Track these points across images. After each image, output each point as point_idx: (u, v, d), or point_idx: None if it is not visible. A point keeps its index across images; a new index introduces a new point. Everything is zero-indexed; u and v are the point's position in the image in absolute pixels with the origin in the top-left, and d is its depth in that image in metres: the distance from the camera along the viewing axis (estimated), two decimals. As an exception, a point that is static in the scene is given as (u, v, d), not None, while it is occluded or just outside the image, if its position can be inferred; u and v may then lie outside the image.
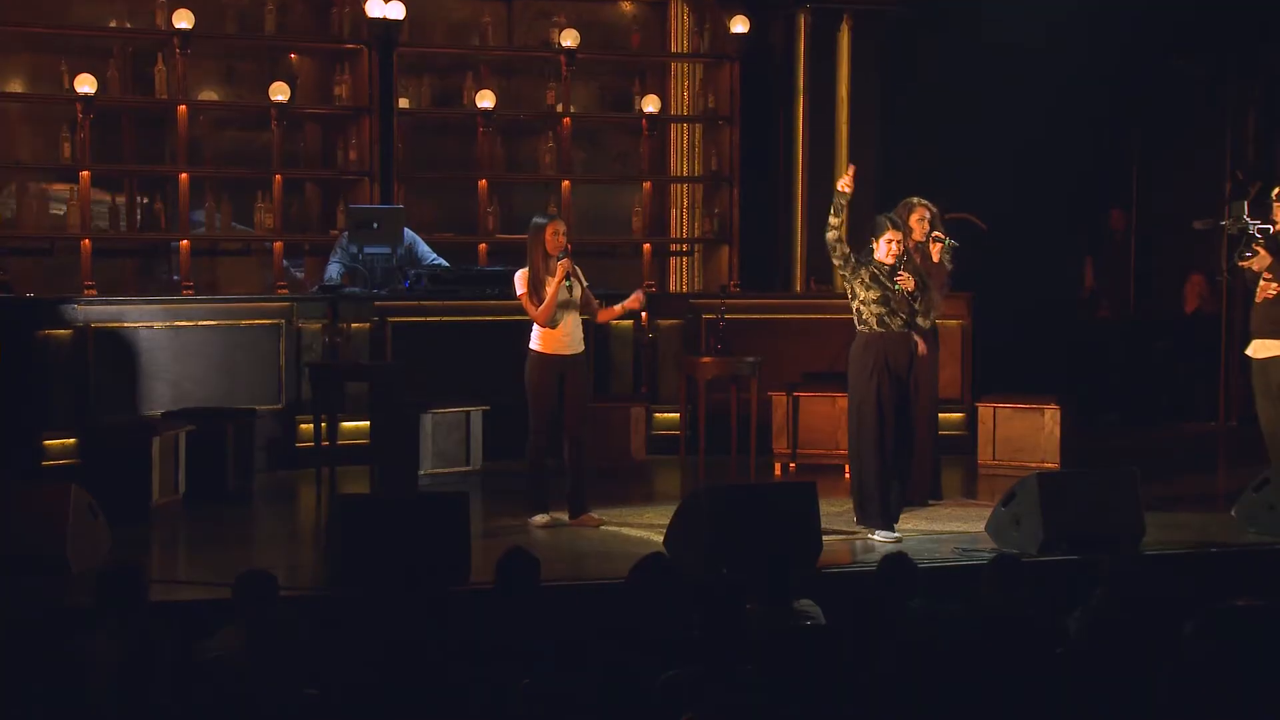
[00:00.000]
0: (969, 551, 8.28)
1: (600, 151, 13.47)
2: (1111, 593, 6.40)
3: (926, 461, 9.79)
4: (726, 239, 13.14)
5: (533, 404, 9.05)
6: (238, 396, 10.71)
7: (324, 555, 7.79)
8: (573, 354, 9.04)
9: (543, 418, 9.03)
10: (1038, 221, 13.66)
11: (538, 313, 8.94)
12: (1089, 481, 8.62)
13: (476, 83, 12.75)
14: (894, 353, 8.87)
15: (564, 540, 8.78)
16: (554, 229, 9.04)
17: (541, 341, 9.01)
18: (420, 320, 11.25)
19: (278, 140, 12.00)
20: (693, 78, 13.38)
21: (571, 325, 9.03)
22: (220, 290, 12.22)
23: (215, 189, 12.31)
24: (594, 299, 9.15)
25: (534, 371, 9.02)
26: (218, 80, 12.50)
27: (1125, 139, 14.55)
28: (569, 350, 9.03)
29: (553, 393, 9.01)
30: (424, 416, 10.41)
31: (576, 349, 9.06)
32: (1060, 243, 14.21)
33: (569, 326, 9.02)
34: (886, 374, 8.83)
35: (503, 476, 10.33)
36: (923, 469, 9.73)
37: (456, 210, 12.87)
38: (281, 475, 10.78)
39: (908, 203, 9.81)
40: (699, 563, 7.64)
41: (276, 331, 11.03)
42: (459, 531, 7.61)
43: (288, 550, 8.83)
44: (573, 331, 9.03)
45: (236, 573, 6.31)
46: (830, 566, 7.98)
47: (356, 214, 11.55)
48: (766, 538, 7.79)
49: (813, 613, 6.46)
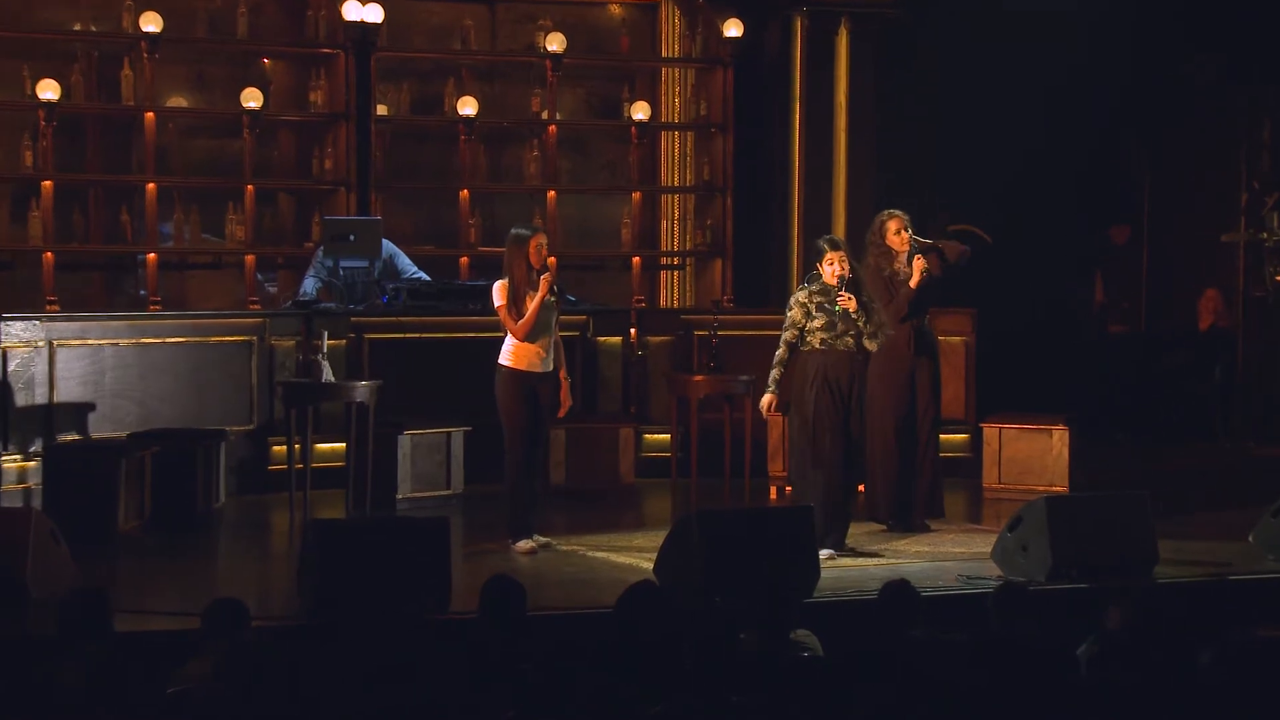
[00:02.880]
0: (973, 579, 8.28)
1: (587, 160, 13.47)
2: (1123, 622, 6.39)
3: (926, 482, 9.81)
4: (719, 252, 13.14)
5: (507, 423, 9.10)
6: (207, 417, 10.69)
7: (298, 583, 7.77)
8: (544, 372, 9.12)
9: (520, 437, 9.07)
10: (1044, 233, 13.70)
11: (516, 327, 9.02)
12: (1099, 505, 8.62)
13: (458, 89, 12.75)
14: (834, 367, 9.03)
15: (550, 567, 8.77)
16: (537, 242, 9.11)
17: (513, 357, 9.09)
18: (399, 337, 11.24)
19: (250, 149, 11.99)
20: (684, 83, 13.39)
21: (547, 343, 9.12)
22: (189, 305, 12.20)
23: (184, 200, 12.29)
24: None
25: (505, 389, 9.09)
26: (187, 86, 12.49)
27: (1134, 147, 14.59)
28: (541, 368, 9.12)
29: (526, 410, 9.05)
30: (402, 437, 10.39)
31: (548, 367, 9.14)
32: (1068, 255, 14.24)
33: (545, 343, 9.11)
34: (826, 388, 9.00)
35: (485, 500, 10.30)
36: (923, 489, 9.77)
37: (437, 222, 12.86)
38: (253, 499, 10.76)
39: (881, 216, 9.86)
40: (691, 591, 7.63)
41: (248, 349, 11.01)
42: (439, 557, 7.59)
43: (259, 578, 8.82)
44: (547, 349, 9.11)
45: (206, 601, 6.30)
46: (828, 595, 7.96)
47: (332, 226, 11.54)
48: (761, 564, 7.78)
49: (810, 643, 6.45)
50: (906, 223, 9.80)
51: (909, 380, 9.80)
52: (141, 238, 12.00)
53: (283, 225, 12.69)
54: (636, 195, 13.12)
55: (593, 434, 11.19)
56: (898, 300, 9.68)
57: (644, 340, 11.95)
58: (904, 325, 9.72)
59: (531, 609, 6.61)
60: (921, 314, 9.86)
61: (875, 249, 9.80)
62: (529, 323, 9.01)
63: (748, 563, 7.78)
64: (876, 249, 9.79)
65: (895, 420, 9.76)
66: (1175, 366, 14.31)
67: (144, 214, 11.92)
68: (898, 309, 9.65)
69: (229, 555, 9.54)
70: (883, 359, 9.63)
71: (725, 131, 13.11)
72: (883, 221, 9.82)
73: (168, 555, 9.21)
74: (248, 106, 11.82)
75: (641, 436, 11.68)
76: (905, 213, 9.87)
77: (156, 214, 11.89)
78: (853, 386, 9.07)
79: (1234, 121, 14.19)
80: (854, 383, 9.08)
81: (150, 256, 11.83)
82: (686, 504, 10.34)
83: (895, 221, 9.78)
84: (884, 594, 6.61)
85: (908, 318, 9.74)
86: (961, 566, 8.67)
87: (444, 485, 10.59)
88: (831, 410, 9.02)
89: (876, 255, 9.78)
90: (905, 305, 9.69)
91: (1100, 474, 11.18)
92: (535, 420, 9.15)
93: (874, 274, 9.73)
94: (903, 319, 9.70)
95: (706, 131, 13.27)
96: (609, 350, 11.82)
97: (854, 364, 9.09)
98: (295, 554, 8.15)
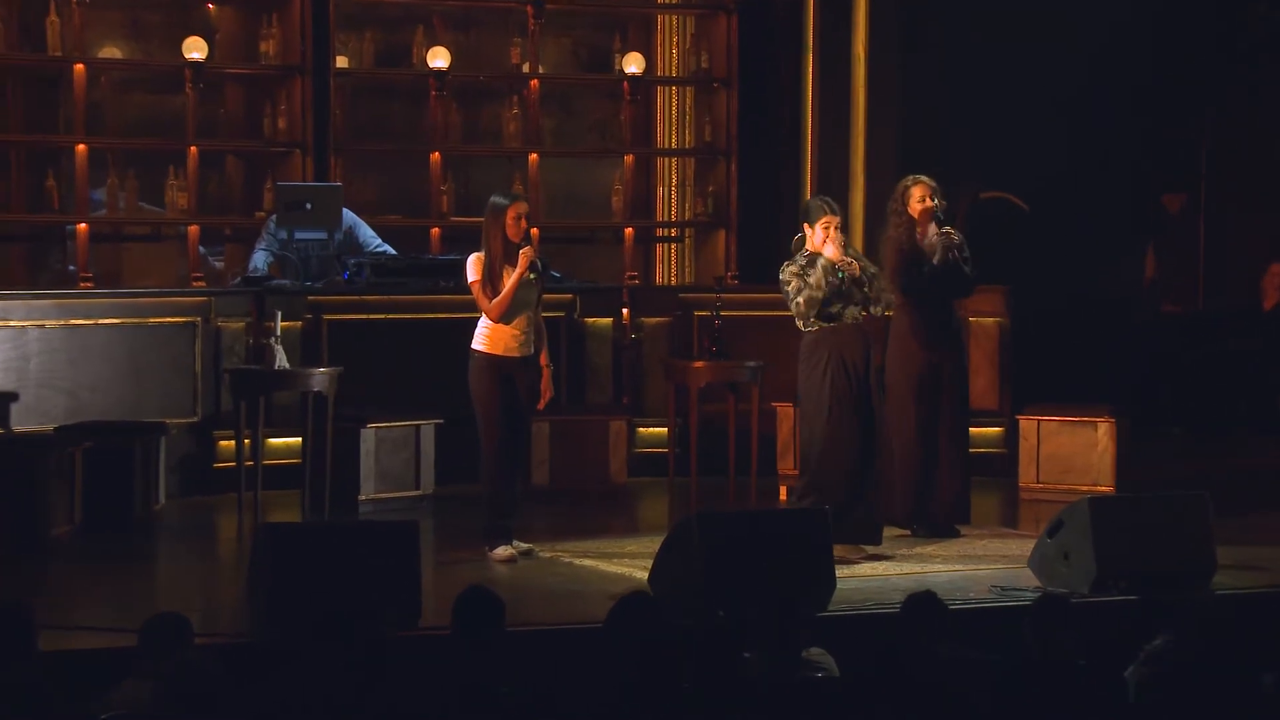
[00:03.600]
0: (1008, 591, 8.28)
1: (574, 119, 13.46)
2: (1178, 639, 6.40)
3: (955, 483, 9.80)
4: (723, 222, 13.14)
5: (482, 415, 9.09)
6: (146, 408, 10.68)
7: (247, 596, 7.77)
8: (523, 357, 9.11)
9: (496, 430, 9.06)
10: (1088, 201, 13.69)
11: (491, 305, 9.01)
12: (1150, 507, 8.62)
13: (428, 38, 12.73)
14: (847, 346, 9.06)
15: (531, 577, 8.77)
16: (516, 211, 9.09)
17: (488, 340, 9.08)
18: (362, 318, 11.24)
19: (192, 106, 11.97)
20: (683, 32, 13.38)
21: (525, 324, 9.10)
22: (125, 283, 12.17)
23: (119, 163, 12.28)
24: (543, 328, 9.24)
25: (479, 376, 9.08)
26: (121, 34, 12.47)
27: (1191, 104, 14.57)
28: (519, 352, 9.10)
29: (503, 400, 9.05)
30: (365, 431, 10.39)
31: (527, 351, 9.13)
32: (1115, 226, 14.23)
33: (523, 325, 9.09)
34: (842, 371, 9.04)
35: (459, 502, 10.30)
36: (949, 491, 9.76)
37: (404, 189, 12.86)
38: (197, 501, 10.76)
39: (905, 181, 9.82)
40: (690, 604, 7.63)
41: (191, 331, 11.00)
42: (408, 567, 7.59)
43: (204, 589, 8.80)
44: (526, 330, 9.09)
45: (143, 616, 6.29)
46: (844, 608, 7.96)
47: (286, 193, 11.53)
48: (770, 574, 7.78)
49: (824, 663, 6.46)
50: (933, 190, 9.76)
51: (932, 369, 9.76)
52: (70, 206, 11.98)
53: (230, 192, 12.68)
54: (629, 159, 13.10)
55: (580, 428, 11.19)
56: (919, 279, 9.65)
57: (638, 322, 11.95)
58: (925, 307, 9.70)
59: (511, 624, 6.61)
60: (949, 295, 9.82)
61: (896, 218, 9.77)
62: (504, 301, 8.99)
63: (754, 572, 7.78)
64: (897, 218, 9.77)
65: (916, 414, 9.73)
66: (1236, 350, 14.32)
67: (73, 179, 11.91)
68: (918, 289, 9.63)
69: (170, 564, 9.53)
70: (902, 346, 9.63)
71: (729, 87, 13.10)
72: (906, 187, 9.79)
73: (101, 564, 9.19)
74: (190, 58, 11.80)
75: (635, 431, 11.69)
76: (933, 180, 9.81)
77: (87, 179, 11.87)
78: (869, 362, 9.11)
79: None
80: (870, 357, 9.12)
81: (80, 227, 11.81)
82: (685, 506, 10.33)
83: (920, 188, 9.74)
84: (907, 607, 6.61)
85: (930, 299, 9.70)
86: (995, 576, 8.67)
87: (412, 485, 10.59)
88: (851, 395, 9.04)
89: (897, 226, 9.76)
90: (928, 285, 9.66)
91: (1152, 472, 11.18)
92: (514, 411, 9.14)
93: (893, 247, 9.71)
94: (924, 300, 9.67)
95: (708, 87, 13.26)
96: (598, 333, 11.82)
97: (866, 337, 9.14)
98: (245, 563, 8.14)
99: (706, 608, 7.62)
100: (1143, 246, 14.67)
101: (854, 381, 9.07)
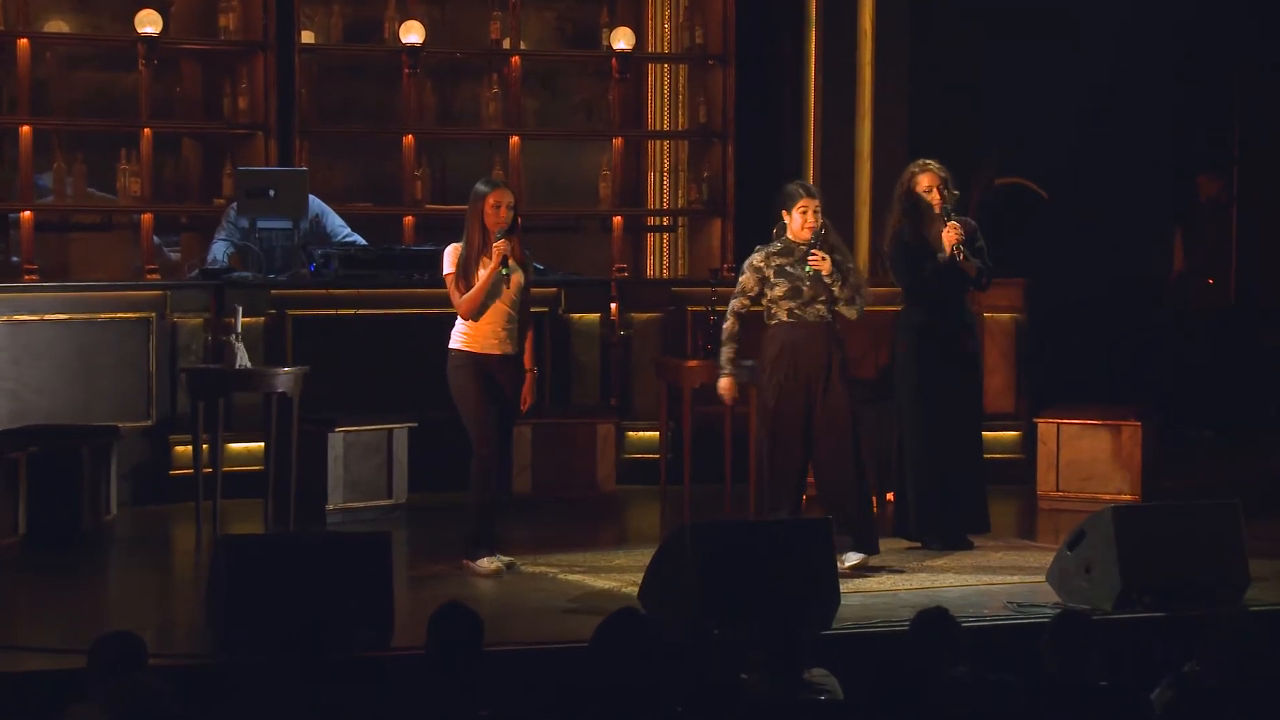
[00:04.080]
0: (1025, 607, 8.31)
1: (558, 100, 13.47)
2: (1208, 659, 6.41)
3: (970, 492, 9.80)
4: (718, 210, 13.15)
5: (467, 416, 9.14)
6: (96, 411, 10.69)
7: (205, 613, 7.78)
8: (503, 355, 9.16)
9: (484, 431, 9.09)
10: (1111, 187, 13.70)
11: (461, 301, 9.09)
12: (1179, 517, 8.65)
13: (400, 11, 12.74)
14: (802, 345, 9.18)
15: (513, 592, 8.79)
16: (496, 199, 9.13)
17: (466, 338, 9.14)
18: (329, 313, 11.24)
19: (146, 84, 11.98)
20: (675, 5, 13.40)
21: (504, 320, 9.13)
22: (73, 275, 12.20)
23: (66, 146, 12.28)
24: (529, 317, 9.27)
25: (458, 375, 9.14)
26: (69, 7, 12.48)
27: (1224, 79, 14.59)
28: (499, 350, 9.15)
29: (487, 398, 9.09)
30: (333, 436, 10.41)
31: (508, 349, 9.17)
32: (1140, 214, 14.25)
33: (501, 321, 9.12)
34: (791, 370, 9.17)
35: (434, 512, 10.31)
36: (964, 500, 9.75)
37: (375, 174, 12.87)
38: (151, 510, 10.78)
39: (911, 169, 9.78)
40: (683, 621, 7.65)
41: (145, 328, 11.01)
42: (379, 582, 7.60)
43: (159, 607, 8.83)
44: (505, 327, 9.14)
45: (93, 635, 6.28)
46: (850, 625, 7.98)
47: (248, 178, 11.54)
48: (769, 589, 7.80)
49: (827, 684, 6.48)
50: (942, 179, 9.71)
51: (940, 370, 9.74)
52: (13, 192, 11.99)
53: (187, 178, 12.68)
54: (618, 142, 13.12)
55: (565, 432, 11.20)
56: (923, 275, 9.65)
57: (627, 318, 11.96)
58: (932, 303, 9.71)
59: (490, 644, 6.62)
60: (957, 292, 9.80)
61: (900, 205, 9.76)
62: (476, 298, 9.06)
63: (752, 587, 7.80)
64: (900, 205, 9.75)
65: (924, 418, 9.72)
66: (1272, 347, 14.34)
67: (16, 163, 11.91)
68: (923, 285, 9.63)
69: (122, 579, 9.54)
70: (908, 344, 9.64)
71: (725, 64, 13.11)
72: (913, 175, 9.76)
73: (47, 579, 9.20)
74: (143, 32, 11.80)
75: (624, 435, 11.70)
76: (944, 167, 9.78)
77: (32, 163, 11.88)
78: (827, 366, 9.19)
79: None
80: (829, 361, 9.19)
81: (24, 215, 11.82)
82: (678, 515, 10.36)
83: (928, 176, 9.72)
84: (917, 625, 6.62)
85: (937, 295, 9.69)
86: (1011, 591, 8.70)
87: (384, 494, 10.61)
88: (798, 395, 9.16)
89: (900, 215, 9.73)
90: (932, 281, 9.65)
91: (1181, 479, 11.21)
92: (498, 413, 9.16)
93: (894, 240, 9.71)
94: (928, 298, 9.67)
95: (702, 64, 13.27)
96: (584, 330, 11.83)
97: (828, 338, 9.21)
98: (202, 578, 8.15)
99: (701, 625, 7.64)
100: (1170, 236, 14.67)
101: (805, 383, 9.16)
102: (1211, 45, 14.32)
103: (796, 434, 9.18)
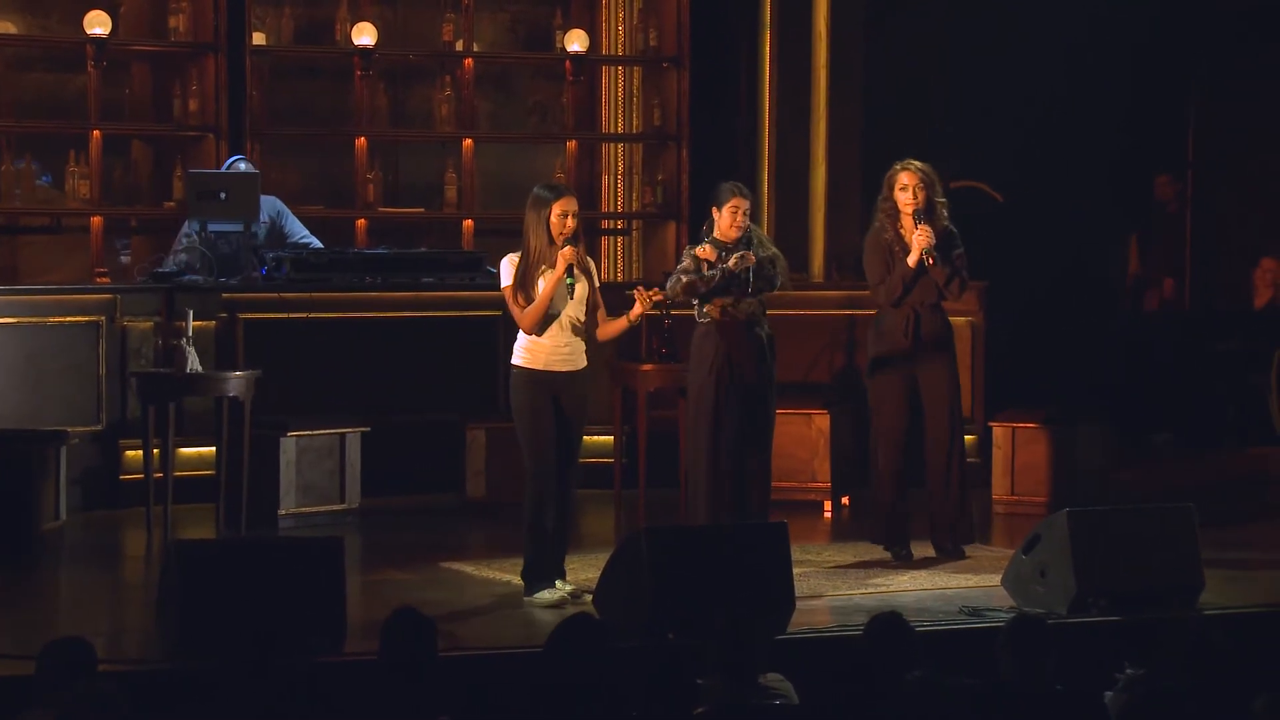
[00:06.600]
0: (980, 612, 8.33)
1: (511, 102, 13.47)
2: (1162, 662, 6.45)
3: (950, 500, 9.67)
4: (673, 213, 13.16)
5: (525, 437, 8.71)
6: (44, 415, 10.65)
7: (156, 619, 7.76)
8: (569, 371, 8.70)
9: (542, 455, 8.68)
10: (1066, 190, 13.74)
11: (524, 315, 8.60)
12: (1133, 521, 8.67)
13: (352, 13, 12.72)
14: (737, 343, 9.28)
15: (465, 597, 8.79)
16: (563, 208, 8.66)
17: (528, 354, 8.67)
18: (281, 317, 11.20)
19: (95, 85, 11.95)
20: (629, 7, 13.39)
21: (570, 334, 8.67)
22: (21, 279, 12.14)
23: (14, 147, 12.24)
24: (601, 305, 8.82)
25: (521, 394, 8.69)
26: (16, 7, 12.43)
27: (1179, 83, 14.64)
28: (565, 366, 8.68)
29: (550, 420, 8.66)
30: (285, 440, 10.39)
31: (578, 364, 8.73)
32: (1095, 217, 14.30)
33: (567, 335, 8.67)
34: (727, 369, 9.26)
35: (386, 516, 10.30)
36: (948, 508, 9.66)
37: (327, 177, 12.85)
38: (101, 515, 10.74)
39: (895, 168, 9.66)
40: (638, 625, 7.67)
41: (94, 331, 10.97)
42: (332, 587, 7.59)
43: (109, 613, 8.79)
44: (571, 342, 8.68)
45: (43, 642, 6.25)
46: (805, 630, 8.00)
47: (198, 181, 11.48)
48: (724, 593, 7.79)
49: (782, 690, 6.49)
50: (923, 178, 9.53)
51: (912, 377, 9.67)
52: (-39, 195, 11.95)
53: (137, 180, 12.64)
54: (571, 144, 13.13)
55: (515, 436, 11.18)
56: (891, 279, 9.55)
57: (581, 321, 11.96)
58: (902, 309, 9.57)
59: (443, 649, 6.62)
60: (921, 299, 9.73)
61: (882, 205, 9.66)
62: (538, 311, 8.58)
63: (707, 591, 7.80)
64: (883, 205, 9.66)
65: (890, 424, 9.66)
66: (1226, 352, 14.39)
67: (-36, 166, 11.88)
68: (890, 289, 9.55)
69: (71, 585, 9.48)
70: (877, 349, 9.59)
71: (680, 66, 13.12)
72: (895, 173, 9.61)
73: (-4, 585, 9.16)
74: (92, 33, 11.76)
75: (578, 439, 11.70)
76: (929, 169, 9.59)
77: (-20, 166, 11.85)
78: (763, 360, 9.31)
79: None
80: (762, 355, 9.32)
81: (-27, 218, 11.78)
82: (633, 520, 10.37)
83: (906, 174, 9.54)
84: (871, 629, 6.63)
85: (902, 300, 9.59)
86: (965, 596, 8.72)
87: (337, 499, 10.59)
88: (736, 397, 9.27)
89: (882, 216, 9.66)
90: (899, 285, 9.56)
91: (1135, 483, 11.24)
92: (560, 436, 8.73)
93: (872, 246, 9.65)
94: (897, 302, 9.57)
95: (657, 66, 13.29)
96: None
97: (755, 330, 9.34)
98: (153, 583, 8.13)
99: (655, 630, 7.66)
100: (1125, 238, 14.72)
101: (740, 382, 9.26)
102: (1168, 49, 14.37)
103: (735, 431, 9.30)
